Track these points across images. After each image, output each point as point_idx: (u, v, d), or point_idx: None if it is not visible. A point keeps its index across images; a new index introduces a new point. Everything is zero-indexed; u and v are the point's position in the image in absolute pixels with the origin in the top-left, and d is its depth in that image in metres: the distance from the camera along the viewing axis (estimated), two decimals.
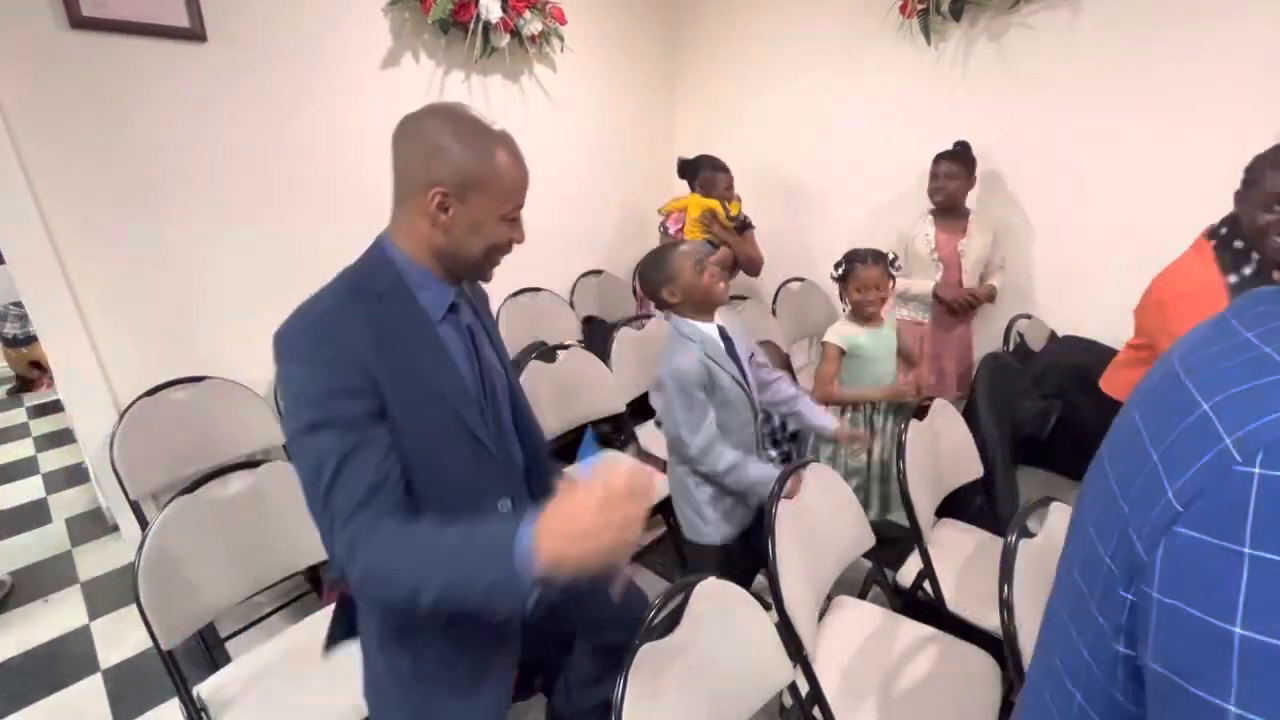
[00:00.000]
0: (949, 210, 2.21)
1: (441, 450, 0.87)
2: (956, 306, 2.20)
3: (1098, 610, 0.40)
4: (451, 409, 0.87)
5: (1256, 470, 0.30)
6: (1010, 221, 2.39)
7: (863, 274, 1.75)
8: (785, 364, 2.50)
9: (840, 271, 1.82)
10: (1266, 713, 0.29)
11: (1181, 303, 1.35)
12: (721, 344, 1.43)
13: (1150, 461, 0.37)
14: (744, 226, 2.47)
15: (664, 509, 1.73)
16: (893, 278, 1.79)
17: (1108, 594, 0.39)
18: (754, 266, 2.52)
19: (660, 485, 1.59)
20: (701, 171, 2.46)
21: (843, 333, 1.82)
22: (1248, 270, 1.28)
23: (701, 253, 1.45)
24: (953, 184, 2.15)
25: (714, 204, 2.38)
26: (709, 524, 1.48)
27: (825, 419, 1.62)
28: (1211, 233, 1.37)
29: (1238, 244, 1.31)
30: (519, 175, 0.87)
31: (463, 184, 0.82)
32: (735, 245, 2.41)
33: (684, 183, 2.56)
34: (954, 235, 2.21)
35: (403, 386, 0.81)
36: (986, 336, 2.37)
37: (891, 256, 1.79)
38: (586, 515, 0.64)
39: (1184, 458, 0.34)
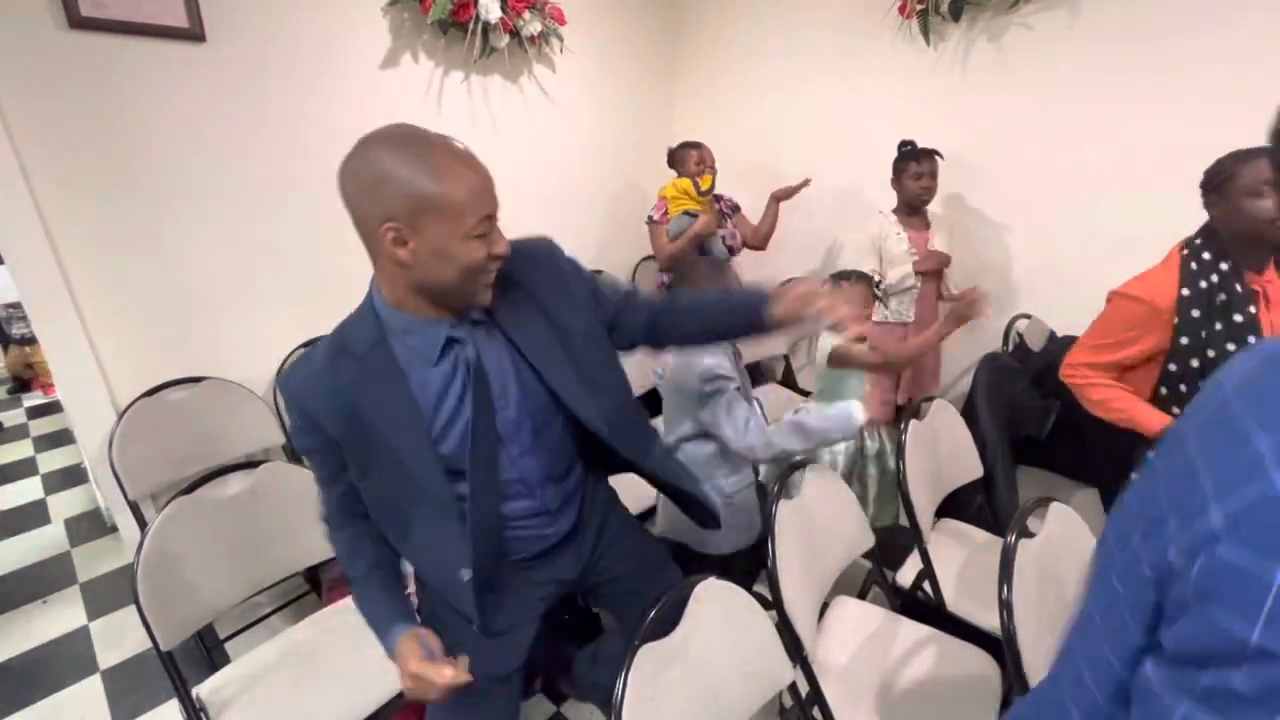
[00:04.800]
0: (914, 210, 2.21)
1: (405, 509, 0.93)
2: (936, 270, 2.19)
3: (1127, 611, 0.45)
4: (410, 476, 0.88)
5: None
6: (1009, 221, 2.40)
7: (852, 292, 1.73)
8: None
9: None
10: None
11: (1122, 303, 1.38)
12: (732, 357, 1.45)
13: (1201, 490, 0.40)
14: (734, 208, 2.49)
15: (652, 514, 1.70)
16: (877, 298, 1.76)
17: (1139, 598, 0.44)
18: (756, 238, 2.53)
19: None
20: (677, 151, 2.51)
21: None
22: (1203, 284, 1.29)
23: (722, 269, 1.46)
24: (934, 182, 2.15)
25: (685, 183, 2.41)
26: (719, 535, 1.46)
27: (844, 409, 1.35)
28: (1186, 243, 1.37)
29: (1206, 255, 1.30)
30: (473, 183, 0.76)
31: (412, 211, 0.74)
32: (714, 218, 2.44)
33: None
34: (920, 233, 2.21)
35: (366, 449, 0.88)
36: (986, 336, 2.37)
37: (876, 278, 1.76)
38: (404, 673, 0.86)
39: (1233, 487, 0.38)
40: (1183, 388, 1.33)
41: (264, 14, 1.89)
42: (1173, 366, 1.34)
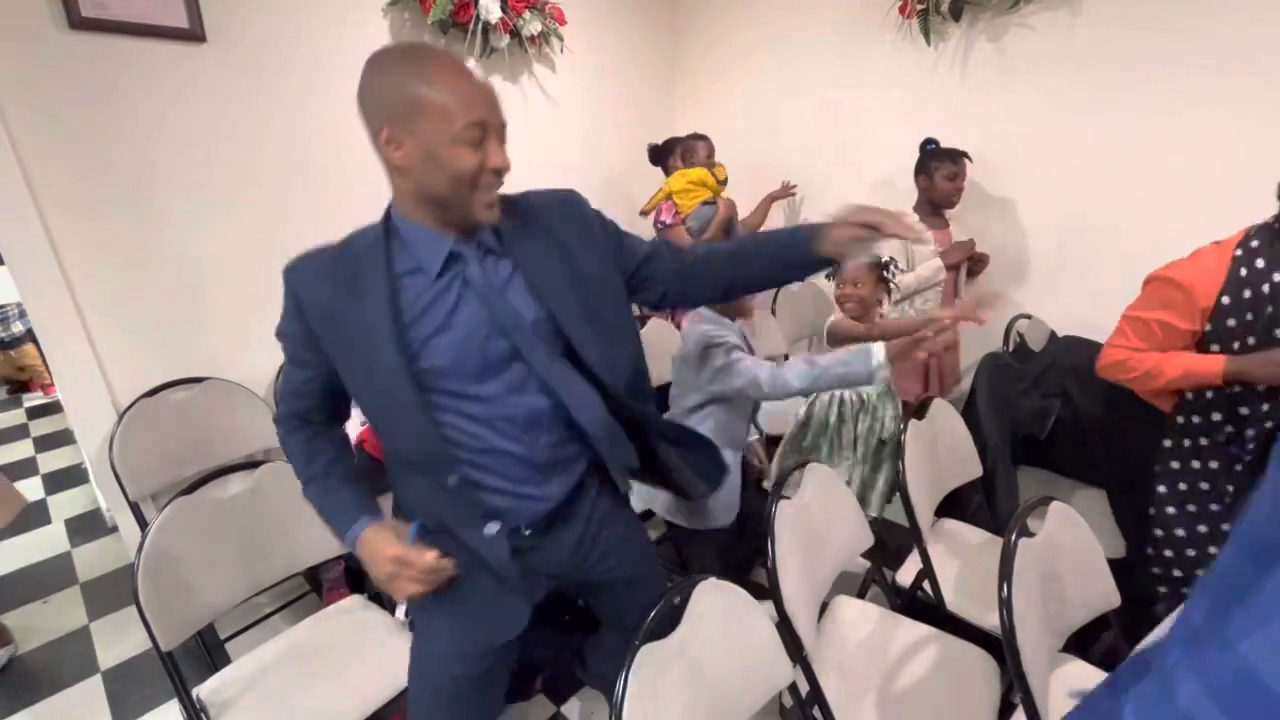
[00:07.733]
0: (936, 210, 2.20)
1: (383, 414, 0.90)
2: (965, 264, 2.22)
3: None
4: (382, 381, 0.85)
5: None
6: (1010, 221, 2.40)
7: (844, 273, 1.71)
8: None
9: (829, 270, 1.71)
10: None
11: (1159, 286, 1.34)
12: (745, 344, 1.48)
13: None
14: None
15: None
16: (884, 282, 1.73)
17: None
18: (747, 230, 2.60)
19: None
20: (680, 143, 2.49)
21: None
22: (1247, 293, 1.23)
23: None
24: (964, 183, 2.15)
25: (701, 172, 2.40)
26: (716, 506, 1.50)
27: (864, 348, 1.26)
28: (1241, 242, 1.28)
29: (1259, 263, 1.23)
30: (466, 89, 0.77)
31: (404, 113, 0.76)
32: (729, 208, 2.46)
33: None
34: (944, 232, 2.21)
35: (343, 341, 0.86)
36: (986, 336, 2.37)
37: (887, 259, 1.75)
38: (381, 560, 0.87)
39: None
40: (1208, 394, 1.31)
41: (265, 14, 1.89)
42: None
